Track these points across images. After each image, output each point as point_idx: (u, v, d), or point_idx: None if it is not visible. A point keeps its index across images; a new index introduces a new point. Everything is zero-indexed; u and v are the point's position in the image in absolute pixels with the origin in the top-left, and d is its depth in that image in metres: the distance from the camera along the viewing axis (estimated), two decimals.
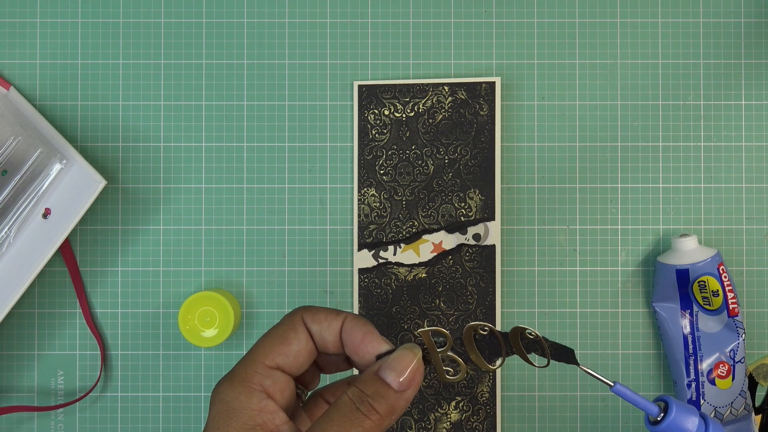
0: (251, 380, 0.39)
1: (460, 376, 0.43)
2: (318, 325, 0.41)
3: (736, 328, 0.58)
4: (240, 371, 0.40)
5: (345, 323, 0.41)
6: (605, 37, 0.61)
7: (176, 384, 0.61)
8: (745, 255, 0.61)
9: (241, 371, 0.40)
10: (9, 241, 0.58)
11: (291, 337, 0.40)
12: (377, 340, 0.40)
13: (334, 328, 0.41)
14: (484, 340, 0.44)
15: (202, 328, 0.58)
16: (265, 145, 0.61)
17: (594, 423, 0.61)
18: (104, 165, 0.61)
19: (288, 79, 0.61)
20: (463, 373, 0.44)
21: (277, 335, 0.40)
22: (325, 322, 0.41)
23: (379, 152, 0.61)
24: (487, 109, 0.61)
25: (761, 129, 0.61)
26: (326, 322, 0.41)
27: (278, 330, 0.41)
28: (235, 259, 0.61)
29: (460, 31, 0.61)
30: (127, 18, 0.61)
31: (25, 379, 0.61)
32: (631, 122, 0.61)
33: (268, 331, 0.41)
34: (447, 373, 0.44)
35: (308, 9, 0.61)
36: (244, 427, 0.39)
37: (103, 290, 0.61)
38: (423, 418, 0.61)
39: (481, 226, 0.61)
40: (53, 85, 0.61)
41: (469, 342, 0.45)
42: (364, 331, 0.40)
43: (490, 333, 0.43)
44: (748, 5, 0.62)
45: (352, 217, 0.61)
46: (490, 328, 0.43)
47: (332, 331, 0.41)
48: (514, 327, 0.44)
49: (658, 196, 0.61)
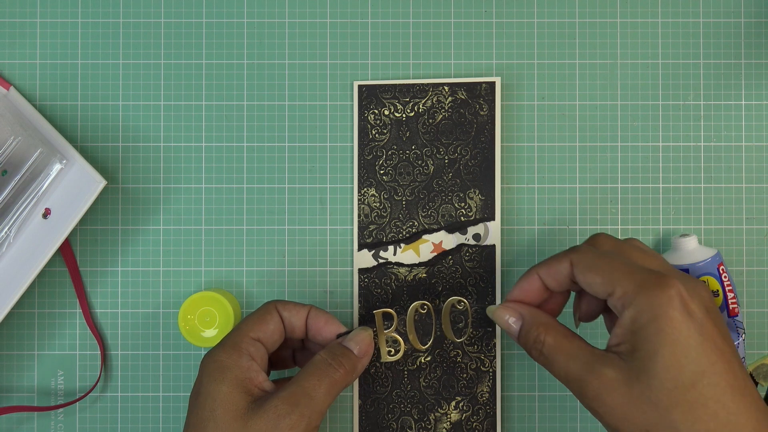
0: (240, 346, 0.50)
1: (398, 356, 0.57)
2: (288, 312, 0.53)
3: (736, 328, 0.58)
4: (229, 340, 0.51)
5: (311, 311, 0.53)
6: (605, 37, 0.61)
7: (176, 384, 0.61)
8: (745, 255, 0.61)
9: (230, 340, 0.51)
10: (9, 241, 0.58)
11: (268, 319, 0.52)
12: (337, 324, 0.54)
13: (301, 316, 0.53)
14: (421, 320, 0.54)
15: (202, 328, 0.58)
16: (265, 145, 0.61)
17: (594, 423, 0.61)
18: (104, 165, 0.61)
19: (288, 79, 0.61)
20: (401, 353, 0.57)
21: (257, 316, 0.52)
22: (294, 310, 0.53)
23: (379, 152, 0.61)
24: (487, 109, 0.61)
25: (761, 129, 0.61)
26: (295, 310, 0.53)
27: (257, 313, 0.52)
28: (235, 259, 0.61)
29: (460, 31, 0.61)
30: (127, 18, 0.61)
31: (25, 379, 0.61)
32: (631, 122, 0.61)
33: (249, 315, 0.53)
34: (389, 353, 0.56)
35: (308, 9, 0.61)
36: (236, 380, 0.49)
37: (103, 290, 0.61)
38: (423, 418, 0.61)
39: (481, 226, 0.61)
40: (53, 85, 0.61)
41: (410, 322, 0.56)
42: (326, 318, 0.54)
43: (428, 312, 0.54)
44: (748, 5, 0.62)
45: (352, 217, 0.61)
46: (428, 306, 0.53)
47: (299, 318, 0.53)
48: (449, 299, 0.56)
49: (658, 196, 0.61)
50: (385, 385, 0.61)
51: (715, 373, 0.43)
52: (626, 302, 0.45)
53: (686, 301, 0.44)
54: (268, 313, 0.52)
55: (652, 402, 0.44)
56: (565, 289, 0.51)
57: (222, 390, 0.48)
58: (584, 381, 0.46)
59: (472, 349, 0.60)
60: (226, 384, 0.48)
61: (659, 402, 0.43)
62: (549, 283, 0.51)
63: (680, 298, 0.44)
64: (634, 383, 0.44)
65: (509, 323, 0.51)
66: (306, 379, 0.49)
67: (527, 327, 0.50)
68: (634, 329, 0.45)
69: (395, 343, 0.58)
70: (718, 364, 0.44)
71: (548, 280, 0.51)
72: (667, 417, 0.43)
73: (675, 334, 0.44)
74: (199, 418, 0.49)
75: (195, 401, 0.50)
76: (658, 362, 0.44)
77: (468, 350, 0.60)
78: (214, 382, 0.49)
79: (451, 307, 0.59)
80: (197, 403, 0.49)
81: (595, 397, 0.45)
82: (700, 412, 0.43)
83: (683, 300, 0.45)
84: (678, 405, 0.43)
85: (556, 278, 0.50)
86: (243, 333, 0.51)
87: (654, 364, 0.44)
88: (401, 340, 0.58)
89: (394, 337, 0.57)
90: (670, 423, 0.43)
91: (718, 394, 0.43)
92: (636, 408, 0.44)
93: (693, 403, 0.43)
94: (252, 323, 0.52)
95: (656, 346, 0.44)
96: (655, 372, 0.44)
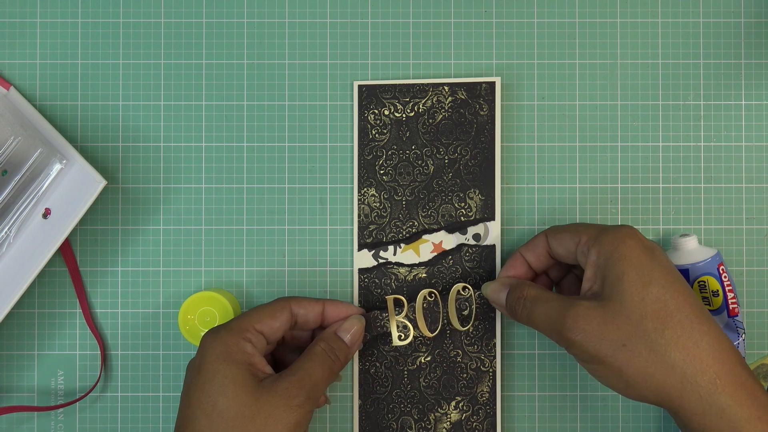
0: (244, 334, 0.53)
1: (408, 341, 0.59)
2: (304, 310, 0.56)
3: (736, 328, 0.58)
4: (236, 325, 0.53)
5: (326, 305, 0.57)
6: (605, 37, 0.61)
7: (176, 384, 0.61)
8: (745, 255, 0.61)
9: (236, 326, 0.53)
10: (9, 241, 0.58)
11: (278, 317, 0.55)
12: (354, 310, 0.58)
13: (316, 311, 0.56)
14: (429, 308, 0.56)
15: (202, 328, 0.59)
16: (265, 145, 0.61)
17: (594, 423, 0.61)
18: (104, 165, 0.61)
19: (288, 79, 0.61)
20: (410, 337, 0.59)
21: (268, 311, 0.54)
22: (309, 307, 0.56)
23: (379, 152, 0.61)
24: (487, 109, 0.61)
25: (761, 129, 0.61)
26: (310, 307, 0.56)
27: (270, 308, 0.55)
28: (235, 259, 0.61)
29: (460, 31, 0.61)
30: (127, 18, 0.61)
31: (25, 379, 0.61)
32: (631, 122, 0.61)
33: (262, 306, 0.55)
34: (399, 338, 0.59)
35: (308, 9, 0.61)
36: (242, 363, 0.51)
37: (103, 290, 0.61)
38: (423, 418, 0.61)
39: (481, 226, 0.61)
40: (53, 85, 0.61)
41: (419, 309, 0.59)
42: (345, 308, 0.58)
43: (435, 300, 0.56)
44: (748, 5, 0.62)
45: (352, 217, 0.61)
46: (436, 294, 0.55)
47: (315, 313, 0.56)
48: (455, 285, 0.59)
49: (658, 196, 0.61)
50: (385, 385, 0.61)
51: (676, 289, 0.50)
52: (591, 244, 0.52)
53: (640, 236, 0.52)
54: (280, 311, 0.55)
55: (624, 317, 0.49)
56: (545, 265, 0.57)
57: (230, 369, 0.51)
58: (562, 317, 0.51)
59: (472, 349, 0.60)
60: (233, 365, 0.51)
61: (631, 315, 0.49)
62: (530, 260, 0.57)
63: (635, 234, 0.52)
64: (608, 305, 0.50)
65: (498, 294, 0.56)
66: (311, 366, 0.53)
67: (512, 291, 0.55)
68: (600, 263, 0.51)
69: (405, 328, 0.59)
70: (677, 283, 0.50)
71: (529, 256, 0.57)
72: (640, 327, 0.49)
73: (637, 258, 0.50)
74: (206, 393, 0.51)
75: (197, 376, 0.51)
76: (625, 282, 0.50)
77: (468, 350, 0.60)
78: (221, 361, 0.51)
79: (457, 294, 0.59)
80: (202, 378, 0.51)
81: (573, 327, 0.50)
82: (668, 320, 0.49)
83: (638, 235, 0.52)
84: (647, 316, 0.49)
85: (535, 253, 0.56)
86: (250, 322, 0.53)
87: (622, 284, 0.50)
88: (411, 325, 0.59)
89: (404, 322, 0.59)
90: (642, 332, 0.49)
91: (681, 304, 0.49)
92: (611, 326, 0.49)
93: (660, 312, 0.49)
94: (262, 315, 0.54)
95: (622, 269, 0.50)
96: (624, 290, 0.50)
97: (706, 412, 0.48)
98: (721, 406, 0.48)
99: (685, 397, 0.48)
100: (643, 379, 0.49)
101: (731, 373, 0.48)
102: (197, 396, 0.51)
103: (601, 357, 0.50)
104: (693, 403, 0.48)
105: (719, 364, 0.48)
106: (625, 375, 0.49)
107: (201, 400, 0.51)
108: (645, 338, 0.49)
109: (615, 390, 0.51)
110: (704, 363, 0.48)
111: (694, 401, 0.48)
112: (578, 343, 0.50)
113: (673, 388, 0.48)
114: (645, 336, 0.49)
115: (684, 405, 0.48)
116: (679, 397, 0.48)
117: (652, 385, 0.49)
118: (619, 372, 0.49)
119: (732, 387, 0.48)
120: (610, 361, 0.49)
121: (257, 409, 0.50)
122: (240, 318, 0.54)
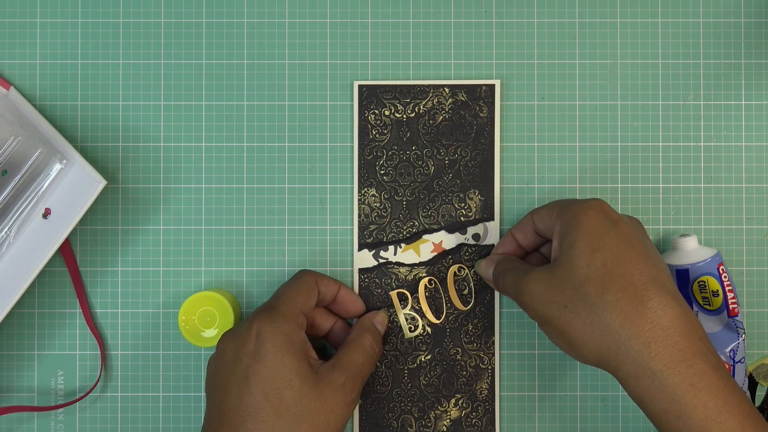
0: (297, 320, 0.54)
1: (418, 331, 0.60)
2: (325, 288, 0.58)
3: (736, 328, 0.58)
4: (288, 312, 0.54)
5: (341, 288, 0.59)
6: (605, 37, 0.61)
7: (176, 384, 0.61)
8: (745, 255, 0.61)
9: (288, 312, 0.54)
10: (9, 241, 0.58)
11: (313, 295, 0.56)
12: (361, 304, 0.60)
13: (333, 291, 0.58)
14: (431, 296, 0.57)
15: (202, 328, 0.59)
16: (265, 145, 0.61)
17: (594, 423, 0.62)
18: (104, 165, 0.61)
19: (288, 79, 0.61)
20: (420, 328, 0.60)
21: (304, 291, 0.56)
22: (329, 285, 0.58)
23: (380, 152, 0.61)
24: (486, 111, 0.61)
25: (761, 129, 0.61)
26: (330, 285, 0.58)
27: (303, 287, 0.56)
28: (235, 259, 0.61)
29: (460, 31, 0.61)
30: (127, 18, 0.61)
31: (25, 379, 0.61)
32: (631, 122, 0.61)
33: (293, 286, 0.56)
34: (410, 329, 0.60)
35: (308, 9, 0.61)
36: (301, 352, 0.53)
37: (103, 290, 0.61)
38: (423, 416, 0.61)
39: (481, 226, 0.61)
40: (53, 85, 0.61)
41: (422, 298, 0.60)
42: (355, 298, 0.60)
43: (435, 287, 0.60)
44: (748, 5, 0.62)
45: (352, 217, 0.61)
46: (435, 281, 0.55)
47: (332, 293, 0.58)
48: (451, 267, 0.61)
49: (658, 196, 0.61)
50: (385, 384, 0.61)
51: (625, 258, 0.50)
52: (560, 214, 0.54)
53: (606, 208, 0.53)
54: (313, 290, 0.57)
55: (568, 280, 0.51)
56: (533, 242, 0.58)
57: (293, 361, 0.52)
58: (519, 282, 0.53)
59: (472, 347, 0.61)
60: (295, 356, 0.52)
61: (574, 279, 0.50)
62: (519, 238, 0.58)
63: (600, 206, 0.53)
64: (557, 269, 0.51)
65: (487, 270, 0.58)
66: (362, 362, 0.55)
67: (497, 266, 0.57)
68: (561, 232, 0.53)
69: (413, 320, 0.60)
70: (629, 252, 0.50)
71: (518, 234, 0.58)
72: (581, 290, 0.50)
73: (591, 226, 0.51)
74: (271, 384, 0.51)
75: (258, 365, 0.52)
76: (576, 248, 0.51)
77: (467, 348, 0.61)
78: (284, 353, 0.52)
79: (454, 275, 0.60)
80: (264, 368, 0.52)
81: (524, 290, 0.52)
82: (610, 284, 0.49)
83: (603, 206, 0.53)
84: (590, 280, 0.50)
85: (522, 231, 0.58)
86: (297, 307, 0.55)
87: (572, 249, 0.51)
88: (418, 316, 0.60)
89: (411, 314, 0.60)
90: (583, 295, 0.50)
91: (627, 272, 0.50)
92: (556, 289, 0.51)
93: (603, 277, 0.50)
94: (300, 296, 0.56)
95: (575, 236, 0.51)
96: (573, 255, 0.51)
97: (639, 375, 0.48)
98: (653, 370, 0.48)
99: (620, 359, 0.49)
100: (582, 340, 0.50)
101: (669, 340, 0.48)
102: (261, 385, 0.51)
103: (548, 318, 0.51)
104: (627, 366, 0.49)
105: (658, 330, 0.48)
106: (568, 336, 0.51)
107: (266, 392, 0.51)
108: (585, 300, 0.50)
109: (563, 350, 0.52)
110: (640, 327, 0.48)
111: (629, 364, 0.48)
112: (528, 305, 0.52)
113: (609, 350, 0.49)
114: (586, 298, 0.50)
115: (620, 367, 0.49)
116: (615, 359, 0.49)
117: (591, 347, 0.50)
118: (562, 333, 0.51)
119: (666, 353, 0.48)
120: (555, 322, 0.51)
121: (321, 404, 0.52)
122: (285, 301, 0.55)
